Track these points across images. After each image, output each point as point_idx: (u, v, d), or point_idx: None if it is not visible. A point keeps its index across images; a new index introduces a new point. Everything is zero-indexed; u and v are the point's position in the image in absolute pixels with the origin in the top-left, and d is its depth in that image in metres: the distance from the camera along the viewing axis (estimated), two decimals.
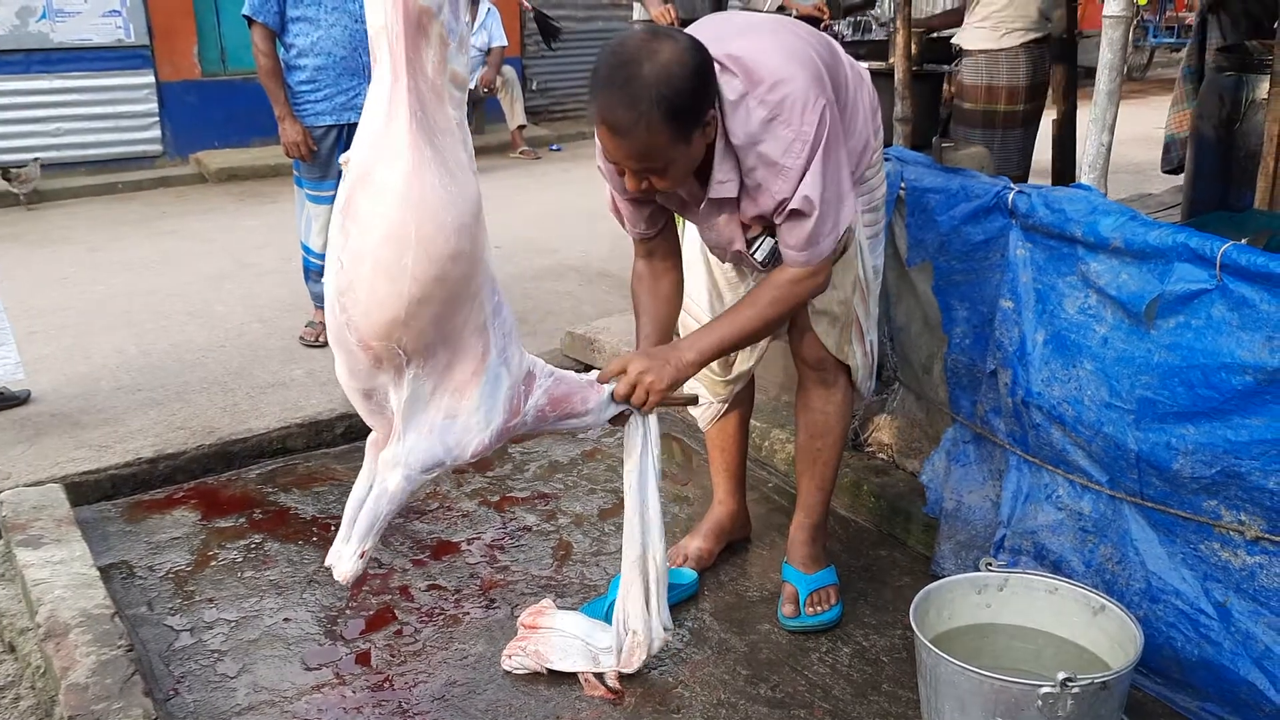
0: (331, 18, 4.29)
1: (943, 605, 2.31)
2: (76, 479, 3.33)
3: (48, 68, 8.13)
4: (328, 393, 4.00)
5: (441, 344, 2.03)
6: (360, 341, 1.97)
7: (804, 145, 2.16)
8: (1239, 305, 2.08)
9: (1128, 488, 2.36)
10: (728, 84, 2.18)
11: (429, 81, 1.88)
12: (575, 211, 6.95)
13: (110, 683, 2.31)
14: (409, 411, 2.07)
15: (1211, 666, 2.22)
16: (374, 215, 1.88)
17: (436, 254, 1.90)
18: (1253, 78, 4.02)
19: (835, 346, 2.57)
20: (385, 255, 1.88)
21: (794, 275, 2.31)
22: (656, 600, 2.41)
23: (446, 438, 2.10)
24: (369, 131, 1.90)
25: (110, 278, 5.71)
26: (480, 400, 2.11)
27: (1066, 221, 2.43)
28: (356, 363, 2.02)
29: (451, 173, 1.92)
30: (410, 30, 1.83)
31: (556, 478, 3.48)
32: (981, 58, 4.30)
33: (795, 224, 2.24)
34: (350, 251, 1.92)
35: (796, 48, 2.23)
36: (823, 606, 2.68)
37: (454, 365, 2.08)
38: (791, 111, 2.15)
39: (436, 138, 1.90)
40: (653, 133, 2.05)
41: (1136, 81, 13.58)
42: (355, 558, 2.13)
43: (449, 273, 1.93)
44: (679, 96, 2.04)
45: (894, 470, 3.25)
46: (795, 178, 2.18)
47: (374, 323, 1.94)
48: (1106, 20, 2.65)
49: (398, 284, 1.89)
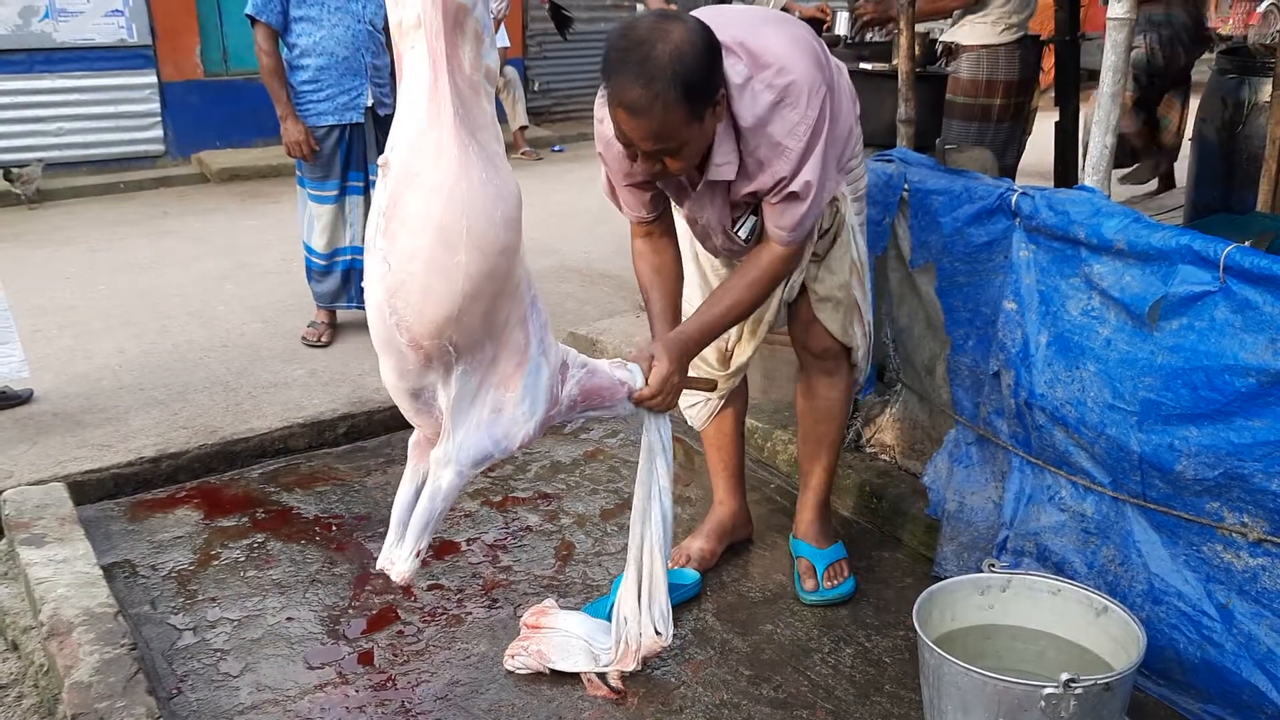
0: (334, 18, 4.29)
1: (945, 606, 2.31)
2: (79, 478, 3.33)
3: (50, 67, 8.12)
4: (330, 392, 4.00)
5: (488, 339, 2.05)
6: (412, 341, 1.97)
7: (807, 128, 2.23)
8: (1242, 307, 2.09)
9: (1130, 489, 2.37)
10: (733, 68, 2.22)
11: (466, 78, 1.88)
12: (577, 212, 6.95)
13: (113, 681, 2.31)
14: (458, 409, 2.08)
15: (1214, 668, 2.22)
16: (425, 215, 1.87)
17: (489, 249, 1.91)
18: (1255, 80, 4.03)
19: (841, 330, 2.67)
20: (438, 254, 1.88)
21: (779, 254, 2.40)
22: (648, 598, 2.41)
23: (494, 431, 2.12)
24: (409, 130, 1.89)
25: (112, 277, 5.71)
26: (524, 392, 2.13)
27: (1070, 223, 2.43)
28: (406, 363, 2.02)
29: (496, 167, 1.93)
30: (449, 27, 1.83)
31: (559, 478, 3.48)
32: (982, 53, 4.34)
33: (789, 205, 2.31)
34: (399, 252, 1.91)
35: (797, 35, 2.30)
36: (839, 579, 2.79)
37: (499, 359, 2.09)
38: (799, 96, 2.22)
39: (478, 133, 1.90)
40: (669, 110, 2.08)
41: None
42: (411, 558, 2.15)
43: (499, 267, 1.94)
44: (693, 74, 2.07)
45: (896, 471, 3.25)
46: (795, 159, 2.25)
47: (427, 321, 1.94)
48: (1110, 22, 2.65)
49: (452, 281, 1.89)
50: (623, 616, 2.44)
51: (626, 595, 2.43)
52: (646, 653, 2.43)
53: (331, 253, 4.57)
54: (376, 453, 3.69)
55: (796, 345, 2.74)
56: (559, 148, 10.03)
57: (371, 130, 4.47)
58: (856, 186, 2.63)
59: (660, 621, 2.43)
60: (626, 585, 2.43)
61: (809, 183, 2.26)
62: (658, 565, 2.41)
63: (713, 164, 2.30)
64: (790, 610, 2.76)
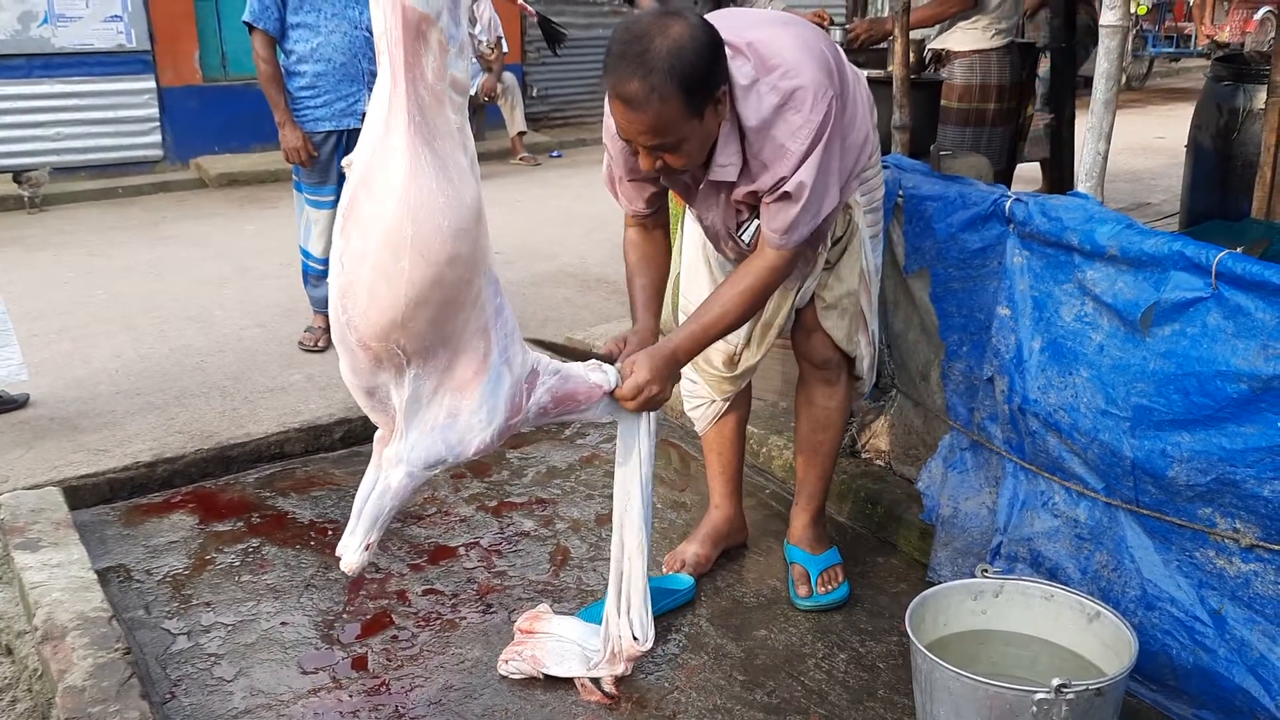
0: (331, 24, 4.31)
1: (939, 611, 2.31)
2: (75, 482, 3.33)
3: (49, 72, 8.14)
4: (326, 397, 4.01)
5: (441, 345, 2.05)
6: (360, 341, 1.99)
7: (810, 131, 2.22)
8: (1234, 313, 2.09)
9: (1123, 495, 2.37)
10: (739, 69, 2.22)
11: (429, 86, 1.90)
12: (574, 218, 6.97)
13: (107, 685, 2.31)
14: (410, 410, 2.09)
15: (1206, 674, 2.23)
16: (373, 218, 1.90)
17: (433, 257, 1.91)
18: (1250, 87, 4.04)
19: (845, 339, 2.66)
20: (383, 258, 1.90)
21: (770, 260, 2.36)
22: (626, 602, 2.41)
23: (448, 436, 2.12)
24: (371, 135, 1.92)
25: (110, 282, 5.71)
26: (482, 400, 2.13)
27: (1063, 229, 2.44)
28: (358, 362, 2.05)
29: (450, 177, 1.93)
30: (409, 36, 1.85)
31: (554, 483, 3.49)
32: (975, 58, 4.37)
33: (783, 206, 2.29)
34: (350, 253, 1.94)
35: (808, 39, 2.29)
36: (833, 585, 2.79)
37: (455, 365, 2.10)
38: (804, 100, 2.21)
39: (436, 141, 1.91)
40: (665, 105, 2.09)
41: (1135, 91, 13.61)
42: (360, 550, 2.16)
43: (445, 276, 1.95)
44: (691, 69, 2.08)
45: (891, 477, 3.26)
46: (795, 160, 2.24)
47: (372, 324, 1.96)
48: (1104, 29, 2.66)
49: (394, 287, 1.91)
50: (606, 621, 2.44)
51: (609, 600, 2.43)
52: (627, 658, 2.43)
53: (328, 257, 4.56)
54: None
55: (797, 353, 2.74)
56: (557, 153, 10.04)
57: None
58: (872, 197, 2.60)
59: (638, 627, 2.42)
60: (609, 591, 2.44)
61: (803, 183, 2.24)
62: (636, 570, 2.42)
63: (715, 164, 2.31)
64: (784, 616, 2.76)
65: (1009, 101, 4.53)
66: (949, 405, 2.92)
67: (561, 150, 10.15)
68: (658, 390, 2.33)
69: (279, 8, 4.25)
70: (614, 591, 2.43)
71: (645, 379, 2.31)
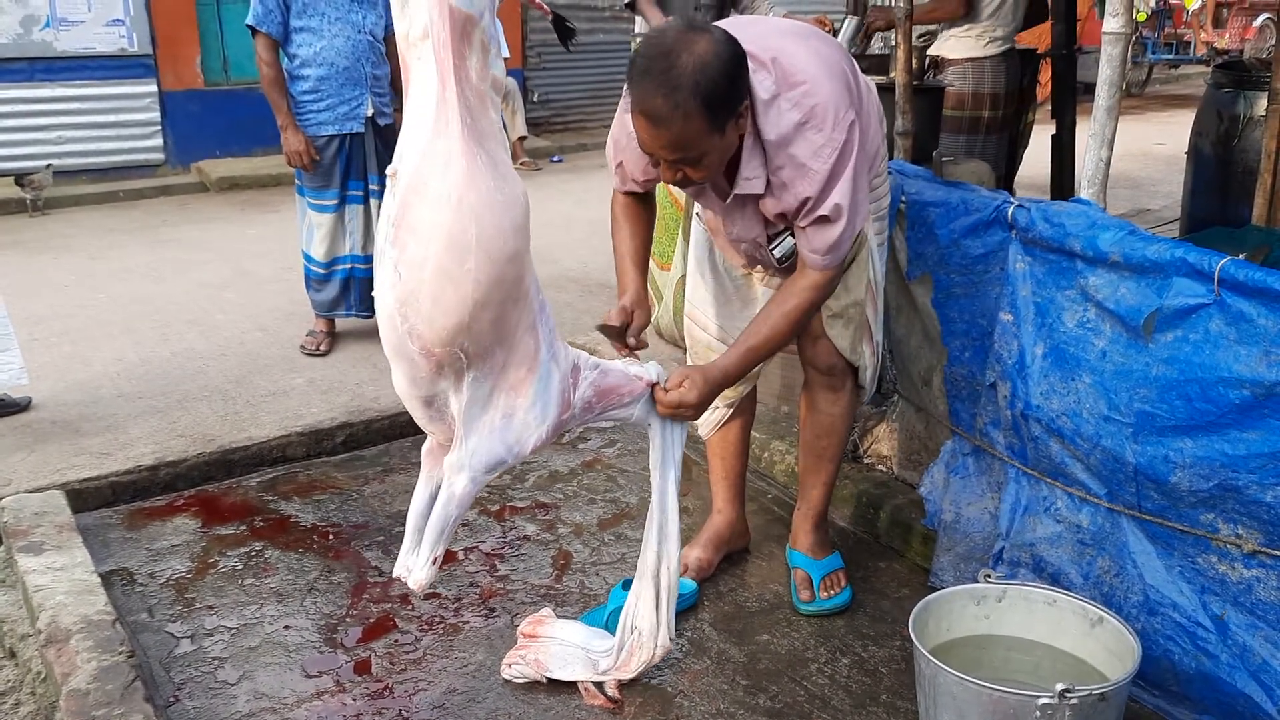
0: (335, 28, 4.32)
1: (941, 616, 2.32)
2: (77, 486, 3.34)
3: (51, 76, 8.15)
4: (328, 401, 4.01)
5: (498, 345, 2.06)
6: (423, 349, 1.98)
7: (833, 151, 2.23)
8: (1236, 320, 2.10)
9: (1126, 501, 2.38)
10: (761, 82, 2.24)
11: (473, 88, 1.90)
12: (575, 222, 6.97)
13: (111, 689, 2.31)
14: (469, 415, 2.10)
15: (1209, 679, 2.23)
16: (434, 224, 1.89)
17: (498, 256, 1.92)
18: (1250, 94, 4.05)
19: (849, 348, 2.67)
20: (448, 262, 1.90)
21: (814, 280, 2.38)
22: (667, 609, 2.42)
23: (506, 436, 2.14)
24: (417, 140, 1.91)
25: (111, 285, 5.72)
26: (535, 397, 2.15)
27: (1066, 236, 2.45)
28: (418, 371, 2.04)
29: (503, 175, 1.94)
30: (456, 38, 1.85)
31: (556, 487, 3.49)
32: (968, 65, 4.39)
33: (822, 229, 2.31)
34: (409, 261, 1.92)
35: (828, 56, 2.31)
36: (835, 590, 2.79)
37: (509, 365, 2.11)
38: (824, 118, 2.23)
39: (485, 142, 1.92)
40: (689, 121, 2.10)
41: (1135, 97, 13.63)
42: (428, 565, 2.18)
43: (507, 274, 1.96)
44: (715, 85, 2.09)
45: (893, 482, 3.26)
46: (820, 181, 2.25)
47: (438, 329, 1.96)
48: (1106, 37, 2.67)
49: (461, 289, 1.91)
50: (631, 626, 2.43)
51: (643, 607, 2.42)
52: (659, 658, 2.43)
53: (331, 261, 4.58)
54: (374, 462, 3.70)
55: (803, 359, 2.75)
56: (558, 158, 10.05)
57: (371, 140, 4.49)
58: (879, 205, 2.63)
59: (672, 628, 2.44)
60: (642, 597, 2.42)
61: (839, 205, 2.26)
62: (674, 578, 2.43)
63: (741, 177, 2.32)
64: (787, 620, 2.77)
65: (1006, 109, 4.54)
66: (951, 410, 2.92)
67: (562, 155, 10.16)
68: (693, 410, 2.37)
69: (282, 12, 4.26)
70: (651, 595, 2.41)
71: (694, 400, 2.34)
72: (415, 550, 2.19)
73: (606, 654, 2.45)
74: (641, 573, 2.42)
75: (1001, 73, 4.44)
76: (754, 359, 2.44)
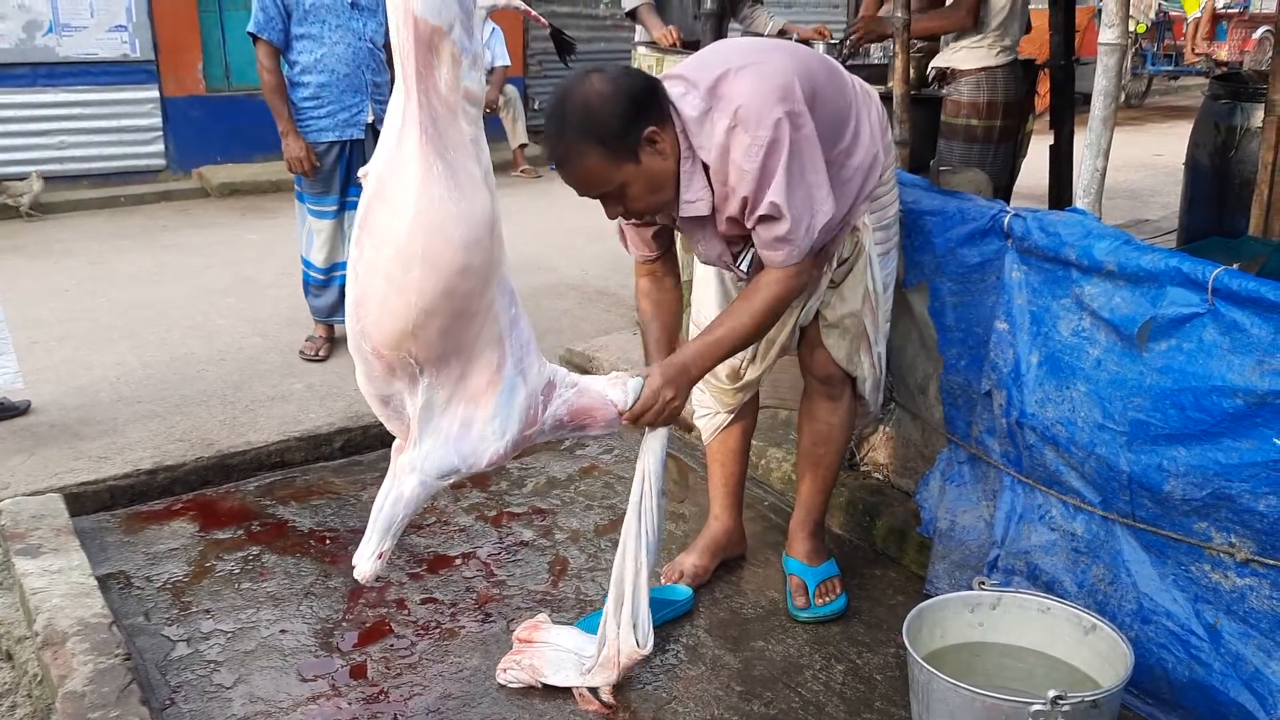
0: (336, 35, 4.34)
1: (936, 623, 2.33)
2: (75, 489, 3.34)
3: (53, 81, 8.16)
4: (327, 407, 4.02)
5: (454, 355, 2.07)
6: (373, 350, 2.03)
7: (760, 149, 2.26)
8: (1230, 329, 2.11)
9: (1120, 509, 2.38)
10: (689, 103, 2.31)
11: (441, 98, 1.92)
12: (575, 230, 6.98)
13: (107, 691, 2.32)
14: (424, 418, 2.12)
15: (1202, 687, 2.24)
16: (386, 229, 1.93)
17: (443, 268, 1.94)
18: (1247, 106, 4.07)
19: (845, 358, 2.68)
20: (394, 269, 1.93)
21: (776, 276, 2.39)
22: (630, 611, 2.42)
23: (462, 446, 2.15)
24: (386, 147, 1.96)
25: (111, 290, 5.73)
26: (495, 410, 2.15)
27: (1061, 245, 2.46)
28: (373, 370, 2.08)
29: (462, 188, 1.95)
30: (421, 49, 1.88)
31: (553, 493, 3.50)
32: (982, 75, 4.39)
33: (768, 226, 2.33)
34: (364, 263, 1.98)
35: (777, 64, 2.34)
36: (830, 596, 2.80)
37: (469, 375, 2.12)
38: (748, 118, 2.27)
39: (448, 153, 1.94)
40: (585, 158, 2.21)
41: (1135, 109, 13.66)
42: (373, 558, 2.19)
43: (456, 287, 1.97)
44: (602, 121, 2.18)
45: (889, 490, 3.27)
46: (753, 180, 2.28)
47: (384, 332, 1.99)
48: (1102, 48, 2.69)
49: (405, 296, 1.94)
50: (604, 628, 2.45)
51: (610, 608, 2.44)
52: (627, 662, 2.44)
53: (330, 267, 4.59)
54: (372, 467, 3.70)
55: (803, 366, 2.77)
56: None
57: (372, 146, 4.50)
58: (884, 214, 2.62)
59: (640, 633, 2.43)
60: (610, 598, 2.44)
61: (774, 203, 2.27)
62: (641, 580, 2.43)
63: (683, 201, 2.37)
64: (782, 627, 2.77)
65: (1014, 118, 4.57)
66: (947, 419, 2.93)
67: None
68: (672, 396, 2.38)
69: (283, 19, 4.28)
70: (615, 601, 2.43)
71: (658, 384, 2.36)
72: (369, 541, 2.21)
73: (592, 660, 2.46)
74: (614, 573, 2.44)
75: (1012, 82, 4.46)
76: (716, 352, 2.44)
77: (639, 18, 5.19)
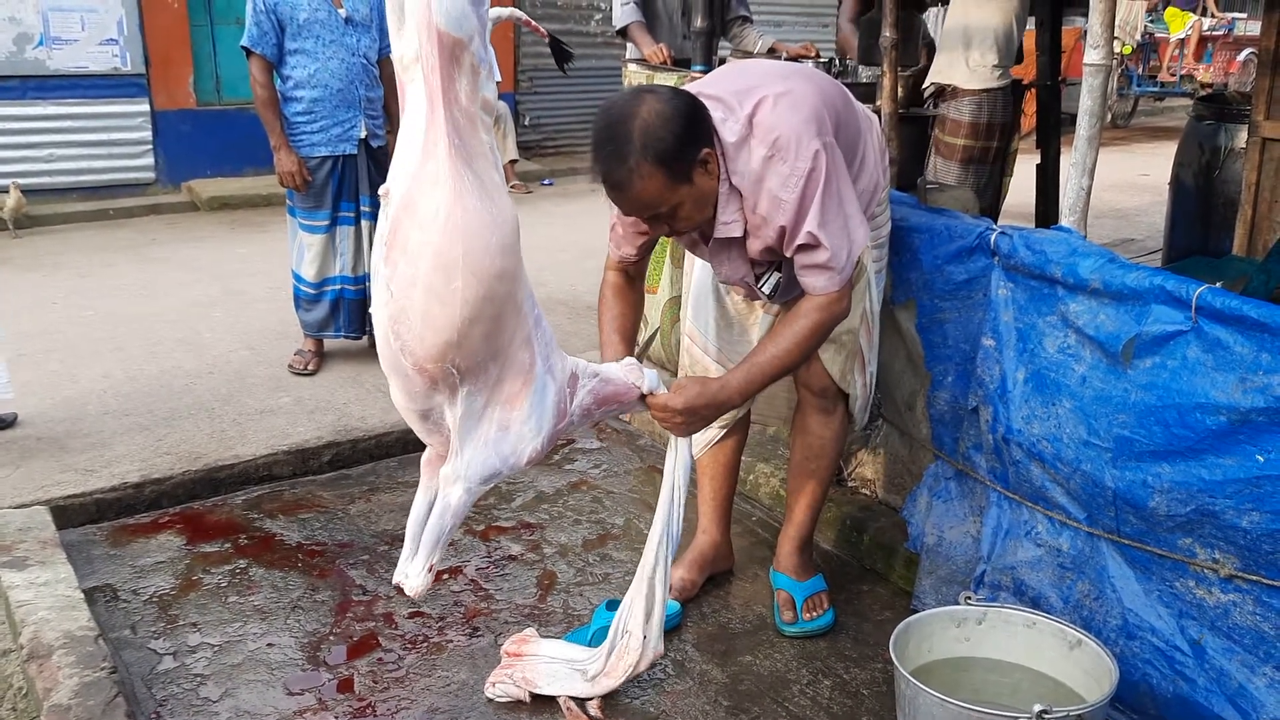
0: (329, 51, 4.35)
1: (922, 638, 2.34)
2: (62, 502, 3.33)
3: (43, 94, 8.16)
4: (315, 420, 4.02)
5: (491, 360, 2.10)
6: (416, 365, 2.03)
7: (799, 180, 2.29)
8: (1213, 347, 2.13)
9: (1105, 525, 2.40)
10: (729, 128, 2.32)
11: (463, 109, 1.95)
12: (565, 246, 7.00)
13: (93, 704, 2.31)
14: (464, 428, 2.14)
15: (1186, 703, 2.25)
16: (422, 243, 1.94)
17: (484, 274, 1.96)
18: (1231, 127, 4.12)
19: (840, 374, 2.71)
20: (435, 280, 1.94)
21: (819, 302, 2.40)
22: (658, 616, 2.43)
23: (502, 448, 2.18)
24: (407, 161, 1.96)
25: (99, 303, 5.72)
26: (531, 409, 2.19)
27: (1047, 263, 2.48)
28: (413, 386, 2.08)
29: (490, 195, 1.98)
30: (445, 61, 1.90)
31: (542, 508, 3.50)
32: (984, 96, 4.44)
33: (807, 255, 2.36)
34: (400, 279, 1.97)
35: (802, 92, 2.37)
36: (818, 611, 2.81)
37: (504, 379, 2.15)
38: (788, 148, 2.29)
39: (474, 162, 1.97)
40: (647, 182, 2.21)
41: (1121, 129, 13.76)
42: (424, 573, 2.21)
43: (496, 291, 2.00)
44: (663, 143, 2.18)
45: (877, 506, 3.28)
46: (792, 210, 2.31)
47: (428, 346, 2.00)
48: (1087, 68, 2.72)
49: (449, 307, 1.95)
50: (622, 629, 2.45)
51: (636, 609, 2.43)
52: (648, 665, 2.44)
53: (321, 282, 4.60)
54: (360, 481, 3.70)
55: (797, 380, 2.79)
56: (548, 181, 10.10)
57: (364, 161, 4.52)
58: (879, 234, 2.69)
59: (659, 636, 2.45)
60: (636, 600, 2.44)
61: (812, 233, 2.31)
62: (665, 588, 2.46)
63: (719, 222, 2.40)
64: (769, 642, 2.78)
65: (1006, 139, 4.62)
66: (934, 435, 2.95)
67: (553, 179, 10.20)
68: (681, 417, 2.38)
69: (277, 33, 4.29)
70: (644, 600, 2.43)
71: (679, 405, 2.37)
72: (413, 558, 2.22)
73: (594, 660, 2.46)
74: (639, 575, 2.45)
75: (1009, 103, 4.53)
76: (759, 377, 2.43)
77: (630, 35, 5.23)
